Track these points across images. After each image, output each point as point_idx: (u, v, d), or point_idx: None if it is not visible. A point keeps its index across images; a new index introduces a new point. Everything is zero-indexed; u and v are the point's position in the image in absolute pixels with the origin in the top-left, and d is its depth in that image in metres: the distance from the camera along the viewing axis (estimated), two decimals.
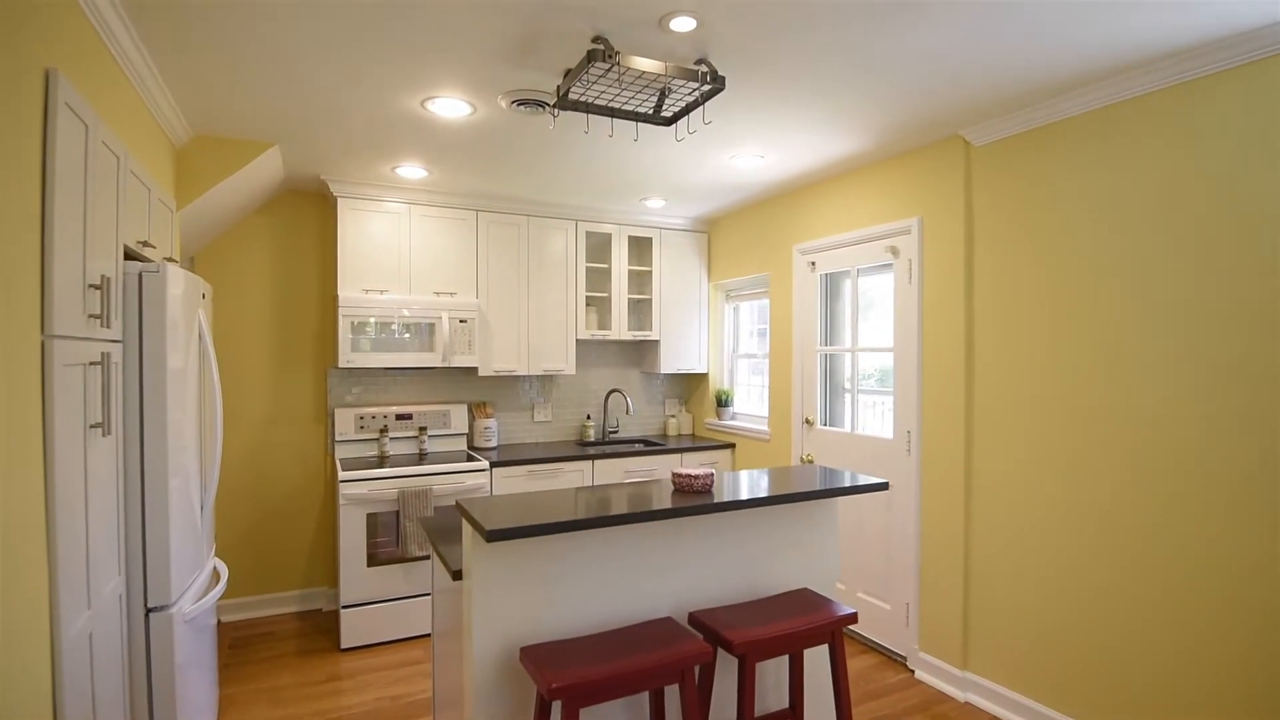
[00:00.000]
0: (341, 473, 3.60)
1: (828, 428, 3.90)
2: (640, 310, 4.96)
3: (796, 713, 2.24)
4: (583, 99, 2.45)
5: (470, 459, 4.01)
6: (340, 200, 3.87)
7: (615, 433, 5.03)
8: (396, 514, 3.67)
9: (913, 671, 3.29)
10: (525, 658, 1.81)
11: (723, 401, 4.90)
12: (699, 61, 2.30)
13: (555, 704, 1.93)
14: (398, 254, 4.01)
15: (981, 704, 2.96)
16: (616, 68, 2.16)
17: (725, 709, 2.30)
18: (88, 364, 1.75)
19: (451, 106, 2.73)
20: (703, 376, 5.15)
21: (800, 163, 3.55)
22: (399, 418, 4.22)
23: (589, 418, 4.91)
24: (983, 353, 3.00)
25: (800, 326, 4.06)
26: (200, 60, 2.34)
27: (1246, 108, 2.16)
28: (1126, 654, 2.47)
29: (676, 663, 1.82)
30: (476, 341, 4.15)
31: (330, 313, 4.19)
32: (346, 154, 3.39)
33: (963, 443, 3.05)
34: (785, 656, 2.40)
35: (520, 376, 4.71)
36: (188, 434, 2.36)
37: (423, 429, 4.25)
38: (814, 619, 2.08)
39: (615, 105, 2.51)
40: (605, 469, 4.34)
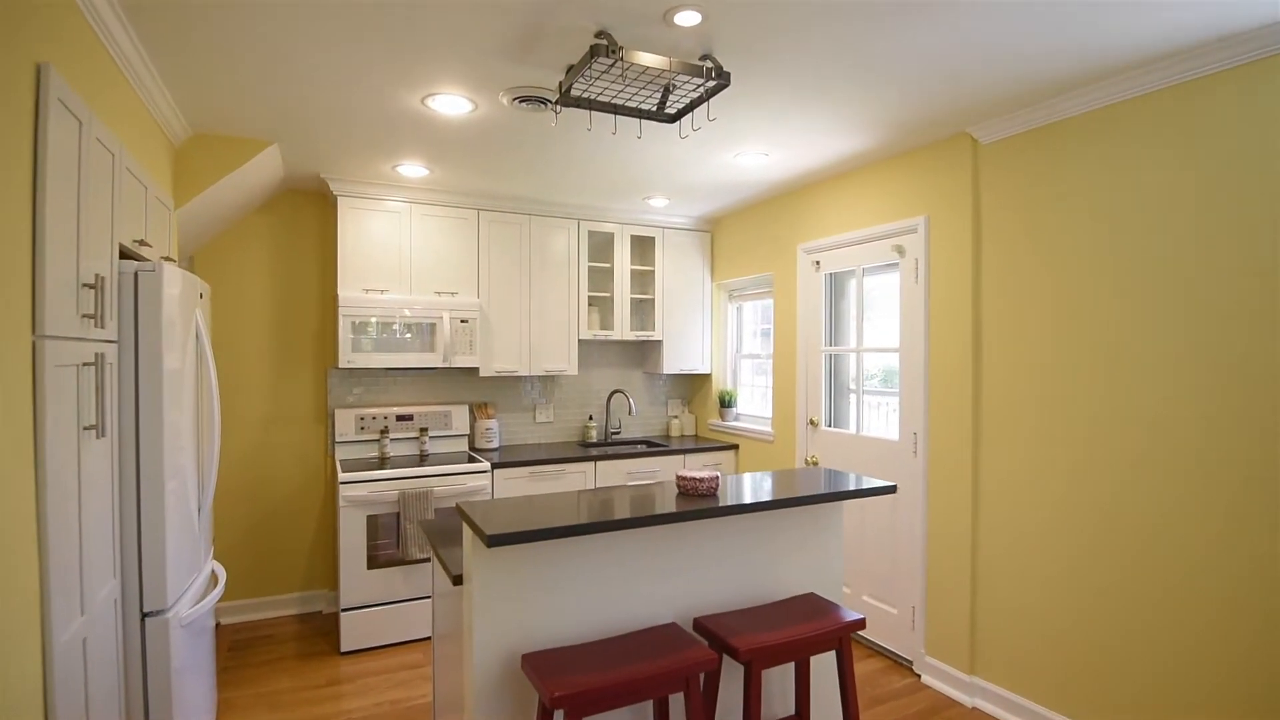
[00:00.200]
0: (342, 474, 3.56)
1: (832, 429, 3.86)
2: (643, 310, 4.93)
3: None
4: (585, 95, 2.41)
5: (471, 460, 3.98)
6: (340, 199, 3.83)
7: (618, 434, 5.00)
8: (397, 516, 3.64)
9: (919, 676, 3.25)
10: (527, 665, 1.78)
11: (726, 402, 4.86)
12: (703, 57, 2.27)
13: (558, 712, 1.89)
14: (398, 253, 3.98)
15: (989, 709, 2.92)
16: (620, 63, 2.12)
17: (730, 716, 2.26)
18: (81, 365, 1.71)
19: (452, 104, 2.69)
20: (706, 377, 5.12)
21: (805, 161, 3.51)
22: (400, 419, 4.18)
23: (591, 419, 4.87)
24: (989, 353, 2.96)
25: (804, 326, 4.02)
26: (199, 60, 2.32)
27: (1246, 107, 2.13)
28: (1127, 654, 2.44)
29: (681, 670, 1.78)
30: (478, 342, 4.11)
31: (330, 312, 4.16)
32: (346, 152, 3.36)
33: (970, 444, 3.01)
34: (791, 662, 2.37)
35: (522, 377, 4.68)
36: (185, 435, 2.33)
37: (424, 430, 4.21)
38: (822, 625, 2.05)
39: (618, 102, 2.47)
40: (608, 470, 4.30)
